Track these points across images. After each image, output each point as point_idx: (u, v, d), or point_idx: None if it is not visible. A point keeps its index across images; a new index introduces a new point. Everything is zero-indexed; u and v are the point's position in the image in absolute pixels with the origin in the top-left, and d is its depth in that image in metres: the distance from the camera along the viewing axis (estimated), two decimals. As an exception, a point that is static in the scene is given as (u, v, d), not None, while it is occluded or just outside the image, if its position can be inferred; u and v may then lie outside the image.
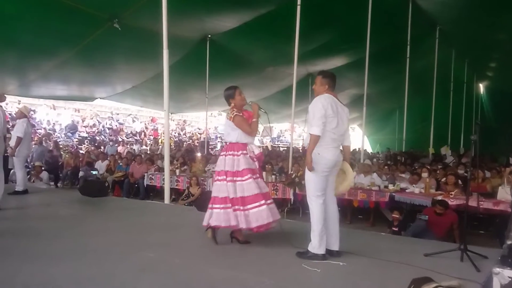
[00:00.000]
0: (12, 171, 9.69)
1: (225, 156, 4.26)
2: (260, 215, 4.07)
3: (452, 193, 6.94)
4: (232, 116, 4.23)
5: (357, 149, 14.33)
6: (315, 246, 3.78)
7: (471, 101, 19.41)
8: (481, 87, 21.72)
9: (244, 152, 4.22)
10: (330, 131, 3.82)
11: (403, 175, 9.10)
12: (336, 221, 3.96)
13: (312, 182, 3.88)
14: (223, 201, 4.16)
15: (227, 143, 4.41)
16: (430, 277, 2.86)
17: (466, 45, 15.31)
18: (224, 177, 4.20)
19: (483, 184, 7.61)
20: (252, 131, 4.26)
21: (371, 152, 21.08)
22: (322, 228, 3.78)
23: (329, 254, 3.86)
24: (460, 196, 6.79)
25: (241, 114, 4.25)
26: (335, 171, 4.00)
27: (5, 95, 6.74)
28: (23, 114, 7.84)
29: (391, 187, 7.85)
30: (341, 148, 4.05)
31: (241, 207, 4.10)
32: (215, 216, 4.17)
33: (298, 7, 8.27)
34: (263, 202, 4.11)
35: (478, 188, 6.78)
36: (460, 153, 14.81)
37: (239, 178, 4.15)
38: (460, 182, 7.57)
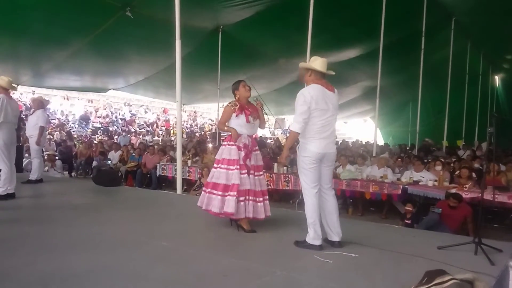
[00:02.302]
0: (27, 160, 9.86)
1: (221, 145, 4.60)
2: (210, 201, 4.38)
3: (466, 186, 6.86)
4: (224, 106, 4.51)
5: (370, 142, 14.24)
6: (311, 237, 3.80)
7: (486, 93, 19.08)
8: (497, 79, 21.34)
9: (231, 143, 4.40)
10: (315, 123, 3.74)
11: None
12: (335, 213, 3.91)
13: (303, 175, 3.85)
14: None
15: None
16: (444, 269, 2.84)
17: (482, 37, 15.03)
18: (215, 164, 4.56)
19: (498, 177, 7.51)
20: (219, 124, 4.58)
21: (384, 144, 20.95)
22: (315, 220, 3.77)
23: (331, 245, 3.87)
24: (474, 189, 6.72)
25: (229, 105, 4.46)
26: (327, 163, 3.90)
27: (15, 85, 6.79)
28: (42, 103, 7.99)
29: (403, 179, 7.80)
30: (333, 139, 3.95)
31: (206, 189, 4.49)
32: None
33: (312, -4, 8.16)
34: (215, 192, 4.35)
35: (493, 181, 6.69)
36: (473, 148, 14.61)
37: (216, 166, 4.48)
38: (474, 175, 7.48)
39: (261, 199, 4.40)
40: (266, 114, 4.73)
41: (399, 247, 3.94)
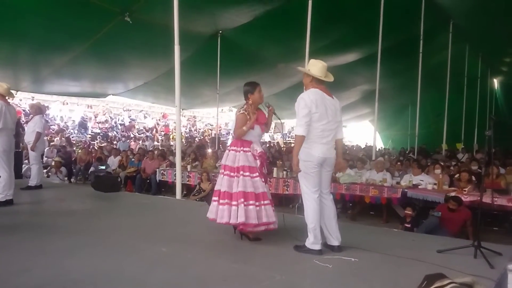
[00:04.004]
0: (26, 166, 9.85)
1: (229, 151, 4.29)
2: (248, 214, 4.02)
3: (466, 189, 6.86)
4: (239, 113, 4.23)
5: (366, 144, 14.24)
6: (311, 241, 3.80)
7: (485, 96, 19.15)
8: (495, 82, 21.40)
9: (245, 149, 4.18)
10: (316, 127, 3.75)
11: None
12: (333, 217, 3.91)
13: (304, 179, 3.85)
14: (215, 194, 4.26)
15: (234, 139, 4.45)
16: (443, 273, 2.84)
17: (480, 40, 15.10)
18: (222, 170, 4.26)
19: (497, 181, 7.50)
20: (236, 132, 4.17)
21: (383, 148, 20.99)
22: (316, 225, 3.77)
23: (331, 249, 3.87)
24: (474, 192, 6.71)
25: (246, 113, 4.17)
26: (327, 168, 3.91)
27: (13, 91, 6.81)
28: (40, 109, 8.00)
29: (403, 183, 7.80)
30: (333, 144, 3.92)
31: (231, 202, 4.08)
32: (210, 208, 4.29)
33: (310, 2, 8.19)
34: (251, 202, 4.03)
35: (492, 184, 6.68)
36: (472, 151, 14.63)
37: (233, 174, 4.14)
38: (473, 178, 7.48)
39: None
40: (279, 119, 4.64)
41: (399, 251, 3.93)
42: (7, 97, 6.35)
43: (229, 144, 4.44)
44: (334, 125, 3.88)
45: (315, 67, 3.89)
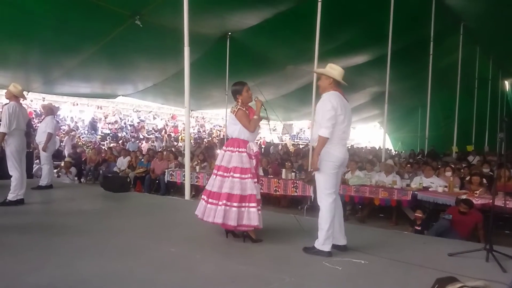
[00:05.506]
0: (37, 166, 9.95)
1: (225, 151, 4.31)
2: (227, 215, 4.06)
3: (477, 192, 6.78)
4: (236, 110, 4.25)
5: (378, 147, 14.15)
6: (321, 243, 3.79)
7: (496, 98, 18.94)
8: (507, 84, 21.16)
9: (241, 150, 4.20)
10: (339, 129, 3.81)
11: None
12: (341, 216, 3.98)
13: (323, 181, 3.86)
14: (205, 193, 4.31)
15: (229, 138, 4.46)
16: (455, 277, 2.80)
17: (491, 42, 14.96)
18: (216, 171, 4.29)
19: (509, 183, 7.41)
20: (251, 127, 4.21)
21: (391, 150, 20.85)
22: (330, 227, 3.77)
23: (337, 249, 3.87)
24: (485, 195, 6.64)
25: (244, 109, 4.25)
26: (343, 169, 4.06)
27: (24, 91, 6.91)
28: (52, 110, 8.08)
29: (413, 185, 7.74)
30: (348, 145, 4.06)
31: (218, 202, 4.12)
32: (198, 206, 4.36)
33: (319, 4, 8.17)
34: (235, 204, 4.05)
35: (504, 187, 6.61)
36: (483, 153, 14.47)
37: (226, 174, 4.17)
38: (485, 181, 7.39)
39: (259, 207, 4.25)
40: (265, 111, 4.61)
41: (409, 253, 3.90)
42: (20, 99, 6.44)
43: (225, 145, 4.44)
44: (350, 127, 4.00)
45: (336, 71, 3.96)
